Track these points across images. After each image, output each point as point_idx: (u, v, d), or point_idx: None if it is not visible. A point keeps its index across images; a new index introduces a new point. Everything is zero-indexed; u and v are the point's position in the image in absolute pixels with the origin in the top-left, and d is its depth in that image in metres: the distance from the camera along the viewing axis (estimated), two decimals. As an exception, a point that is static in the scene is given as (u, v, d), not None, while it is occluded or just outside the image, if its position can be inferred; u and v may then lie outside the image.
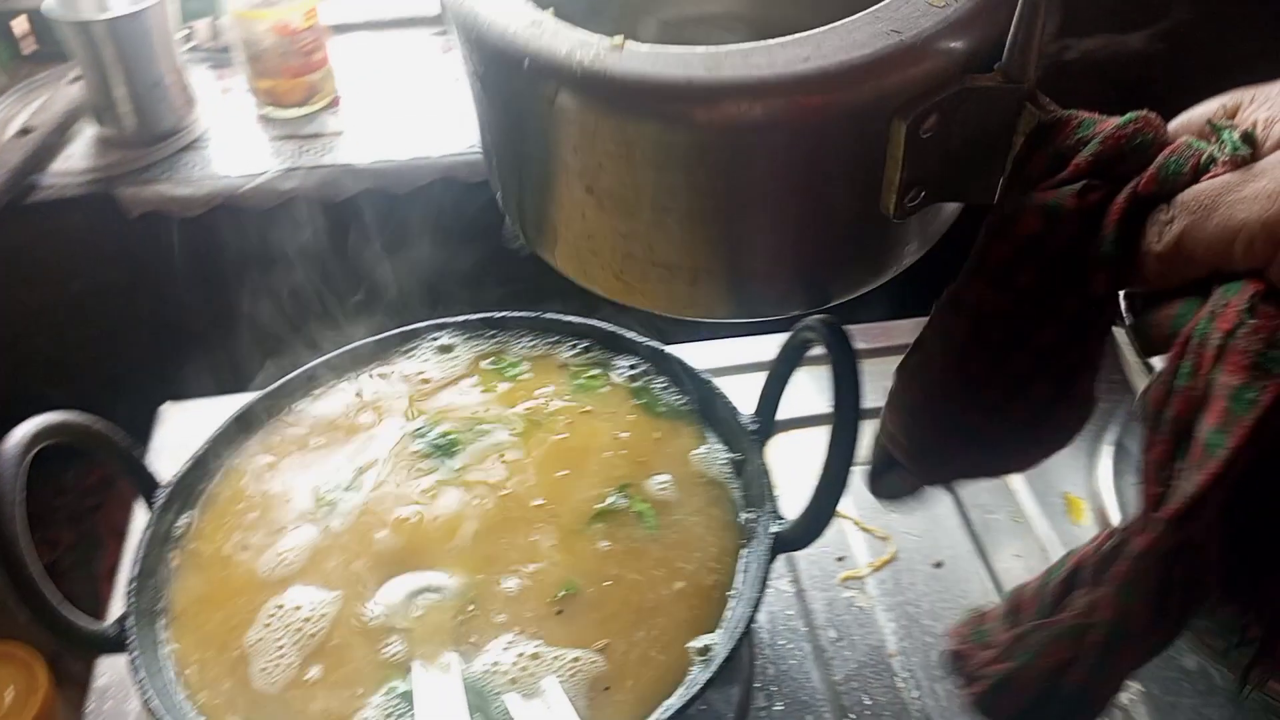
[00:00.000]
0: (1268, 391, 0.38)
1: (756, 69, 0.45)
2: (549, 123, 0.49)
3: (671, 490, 0.64)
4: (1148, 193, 0.41)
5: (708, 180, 0.48)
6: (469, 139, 1.05)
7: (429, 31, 1.23)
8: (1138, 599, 0.42)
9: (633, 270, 0.55)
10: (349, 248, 1.03)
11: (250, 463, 0.68)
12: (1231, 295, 0.40)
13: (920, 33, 0.45)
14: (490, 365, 0.74)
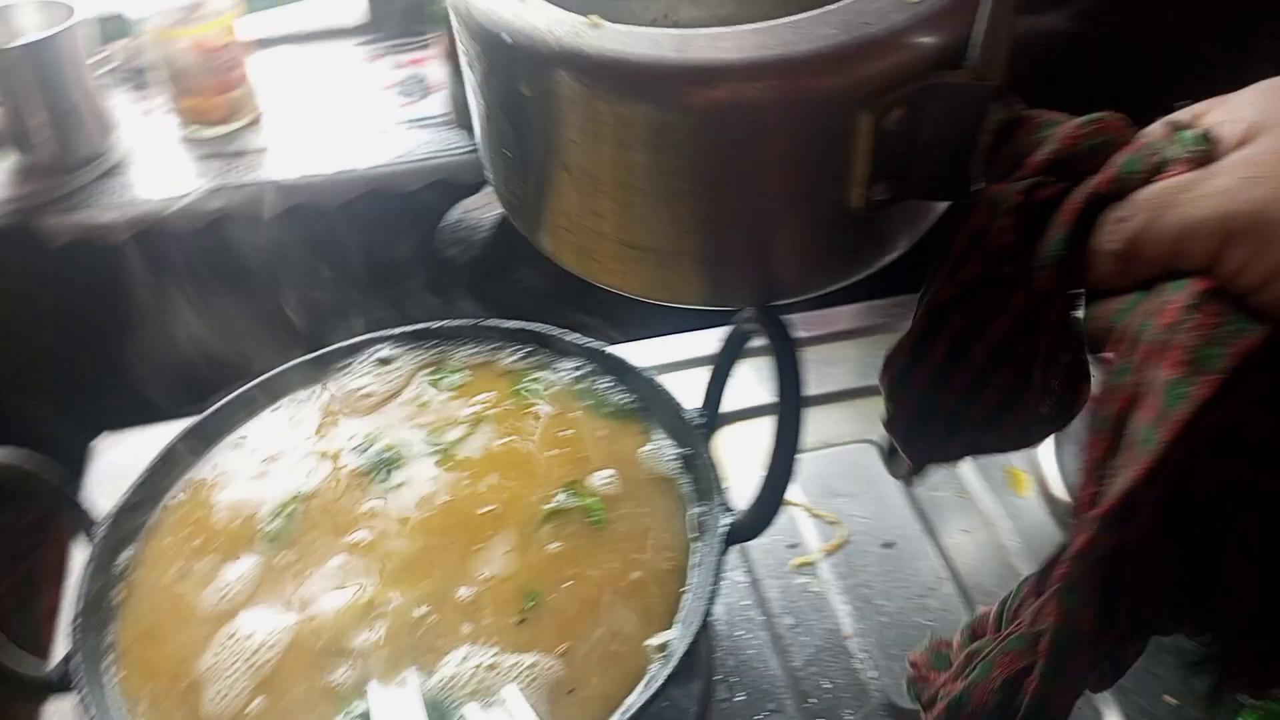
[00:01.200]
0: (1202, 386, 0.38)
1: (724, 52, 0.46)
2: (528, 99, 0.50)
3: (619, 486, 0.65)
4: (1104, 191, 0.42)
5: (672, 160, 0.49)
6: (396, 149, 1.04)
7: (351, 43, 1.22)
8: (1081, 602, 0.42)
9: (605, 250, 0.56)
10: (280, 265, 1.02)
11: (190, 491, 0.67)
12: (1176, 292, 0.40)
13: (889, 26, 0.46)
14: (431, 375, 0.73)
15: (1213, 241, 0.39)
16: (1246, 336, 0.38)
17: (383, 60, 1.19)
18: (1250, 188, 0.38)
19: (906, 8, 0.47)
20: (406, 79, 1.16)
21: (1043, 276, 0.43)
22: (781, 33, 0.46)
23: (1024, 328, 0.45)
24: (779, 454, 0.55)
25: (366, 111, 1.10)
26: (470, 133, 1.05)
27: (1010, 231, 0.43)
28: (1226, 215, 0.38)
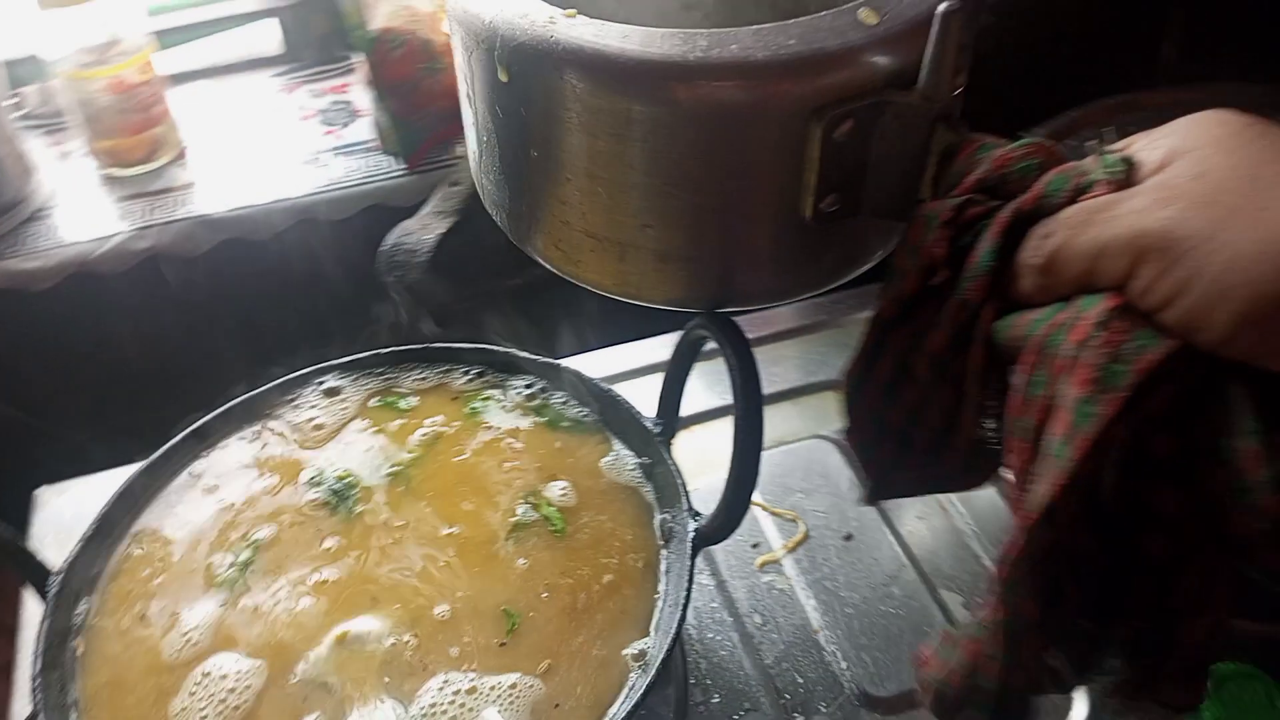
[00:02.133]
0: (1108, 405, 0.40)
1: (684, 51, 0.48)
2: (505, 85, 0.53)
3: (581, 496, 0.65)
4: (1030, 209, 0.44)
5: (631, 151, 0.51)
6: (325, 177, 1.03)
7: (269, 73, 1.20)
8: (1024, 595, 0.44)
9: (569, 239, 0.58)
10: (216, 300, 1.00)
11: (145, 536, 0.65)
12: (1089, 308, 0.42)
13: (845, 43, 0.48)
14: (380, 403, 0.73)
15: (1124, 259, 0.40)
16: (1150, 353, 0.40)
17: (302, 89, 1.18)
18: (1159, 208, 0.40)
19: (865, 29, 0.49)
20: (329, 107, 1.15)
21: (972, 288, 0.45)
22: (744, 38, 0.48)
23: (958, 342, 0.47)
24: (742, 456, 0.56)
25: (291, 141, 1.09)
26: (397, 157, 1.05)
27: (942, 243, 0.46)
28: (1136, 234, 0.40)
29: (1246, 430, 0.40)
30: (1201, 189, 0.39)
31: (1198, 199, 0.39)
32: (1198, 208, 0.39)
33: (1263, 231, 0.37)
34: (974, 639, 0.47)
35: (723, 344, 0.57)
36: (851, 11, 0.49)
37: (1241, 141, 0.40)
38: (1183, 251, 0.39)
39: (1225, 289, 0.38)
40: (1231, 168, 0.39)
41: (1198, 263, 0.38)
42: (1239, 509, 0.41)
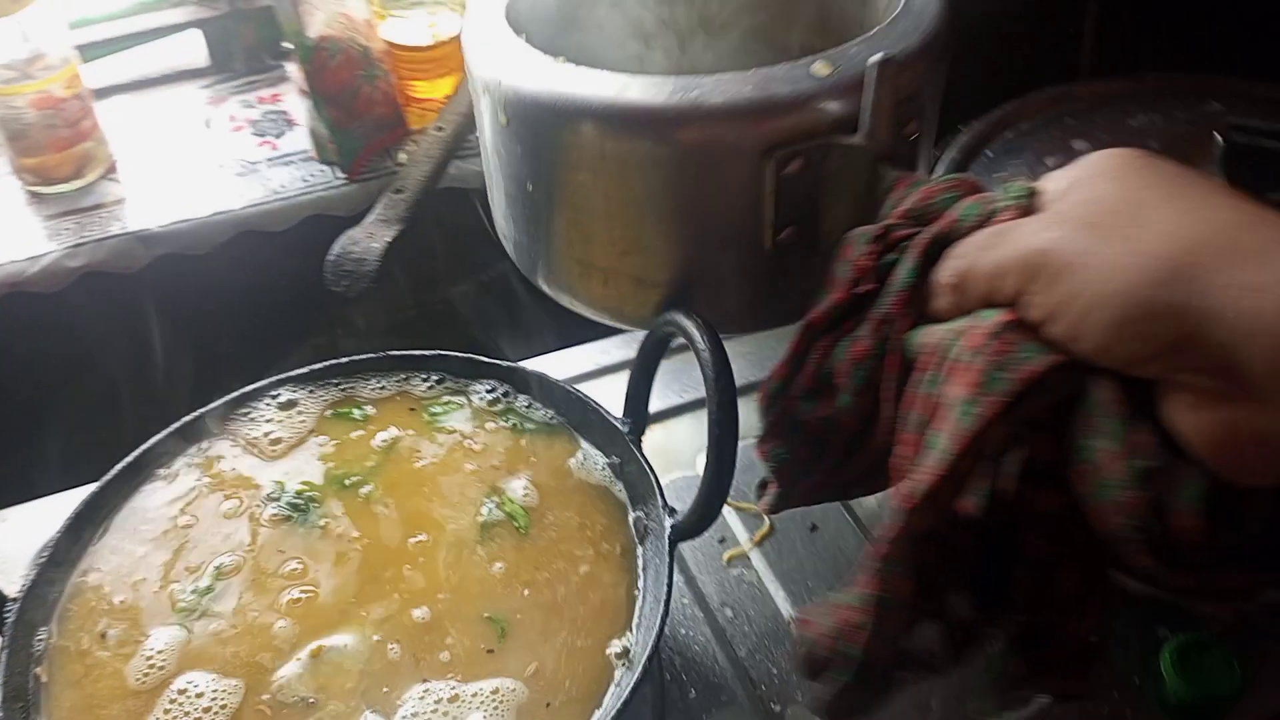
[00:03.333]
0: (988, 406, 0.44)
1: (652, 97, 0.56)
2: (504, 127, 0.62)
3: (544, 496, 0.65)
4: (945, 232, 0.49)
5: (609, 185, 0.59)
6: (262, 189, 1.01)
7: (196, 85, 1.18)
8: (897, 575, 0.48)
9: (562, 266, 0.66)
10: (156, 319, 0.98)
11: (103, 560, 0.63)
12: (986, 320, 0.45)
13: (796, 91, 0.55)
14: (339, 413, 0.72)
15: (1016, 278, 0.43)
16: (1031, 365, 0.43)
17: (232, 100, 1.16)
18: (1048, 230, 0.43)
19: (814, 80, 0.56)
20: (261, 117, 1.13)
21: (893, 302, 0.50)
22: (706, 85, 0.56)
23: (879, 350, 0.51)
24: (718, 450, 0.56)
25: (223, 153, 1.07)
26: (335, 166, 1.03)
27: (869, 257, 0.51)
28: (1026, 254, 0.43)
29: (1108, 431, 0.43)
30: (1086, 212, 0.43)
31: (1081, 221, 0.42)
32: (1080, 229, 0.42)
33: (1133, 246, 0.40)
34: (847, 607, 0.50)
35: (693, 339, 0.58)
36: (808, 63, 0.56)
37: (1129, 171, 0.44)
38: (1065, 268, 0.41)
39: (1100, 300, 0.40)
40: (1115, 193, 0.43)
41: (1077, 278, 0.41)
42: (1103, 507, 0.44)
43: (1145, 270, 0.39)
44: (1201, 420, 0.40)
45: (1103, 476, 0.43)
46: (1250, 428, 0.38)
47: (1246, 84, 0.88)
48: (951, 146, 0.84)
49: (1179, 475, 0.42)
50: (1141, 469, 0.42)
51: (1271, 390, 0.37)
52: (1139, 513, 0.42)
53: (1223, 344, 0.37)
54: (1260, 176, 0.71)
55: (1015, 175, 0.79)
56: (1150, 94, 0.88)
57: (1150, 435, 0.42)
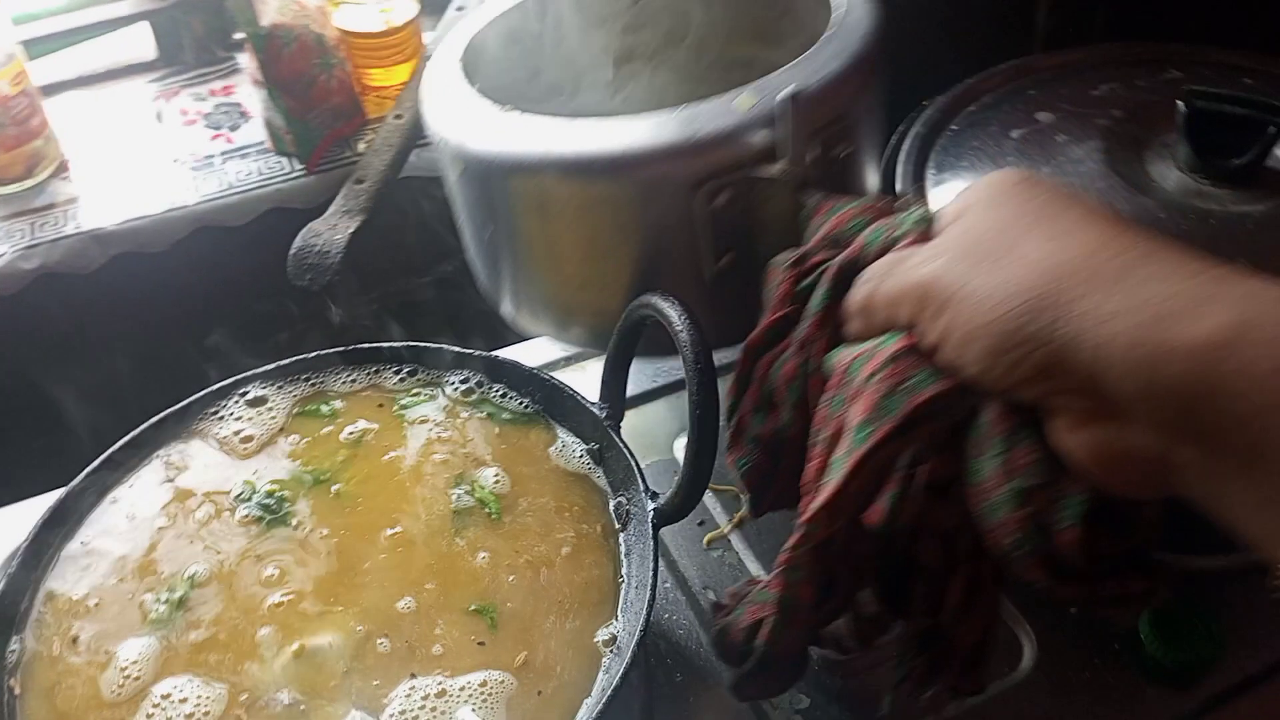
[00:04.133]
0: (880, 429, 0.46)
1: (586, 143, 0.60)
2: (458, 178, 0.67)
3: (520, 483, 0.64)
4: (854, 259, 0.51)
5: (557, 227, 0.63)
6: (218, 183, 0.99)
7: (145, 79, 1.16)
8: (801, 579, 0.52)
9: (527, 301, 0.70)
10: (114, 319, 0.96)
11: (72, 568, 0.62)
12: (886, 345, 0.48)
13: (717, 128, 0.58)
14: (309, 409, 0.70)
15: (909, 307, 0.45)
16: (923, 391, 0.45)
17: (183, 93, 1.13)
18: (932, 260, 0.45)
19: (736, 115, 0.58)
20: (214, 110, 1.11)
21: (808, 326, 0.53)
22: (636, 128, 0.59)
23: (804, 370, 0.53)
24: (698, 433, 0.56)
25: (177, 148, 1.04)
26: (292, 158, 1.01)
27: (787, 283, 0.54)
28: (915, 284, 0.45)
29: (993, 452, 0.45)
30: (965, 242, 0.44)
31: (960, 251, 0.44)
32: (959, 258, 0.44)
33: (1003, 274, 0.42)
34: (759, 604, 0.54)
35: (670, 320, 0.57)
36: (732, 97, 0.59)
37: (1007, 199, 0.45)
38: (947, 298, 0.43)
39: (973, 330, 0.42)
40: (991, 222, 0.44)
41: (956, 306, 0.43)
42: (993, 525, 0.46)
43: (1011, 300, 0.41)
44: (1078, 440, 0.42)
45: (990, 496, 0.46)
46: (1121, 445, 0.40)
47: (1203, 51, 0.89)
48: (917, 122, 0.83)
49: (1060, 493, 0.44)
50: (1021, 488, 0.44)
51: (1134, 410, 0.38)
52: (1023, 529, 0.45)
53: (1087, 368, 0.39)
54: (1222, 141, 0.72)
55: (983, 148, 0.79)
56: (1110, 63, 0.88)
57: (1030, 455, 0.44)
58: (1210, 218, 0.70)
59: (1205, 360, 0.36)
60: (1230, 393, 0.35)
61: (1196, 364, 0.36)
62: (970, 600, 0.51)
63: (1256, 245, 0.68)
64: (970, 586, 0.51)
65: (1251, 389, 0.35)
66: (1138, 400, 0.38)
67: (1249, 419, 0.35)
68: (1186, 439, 0.37)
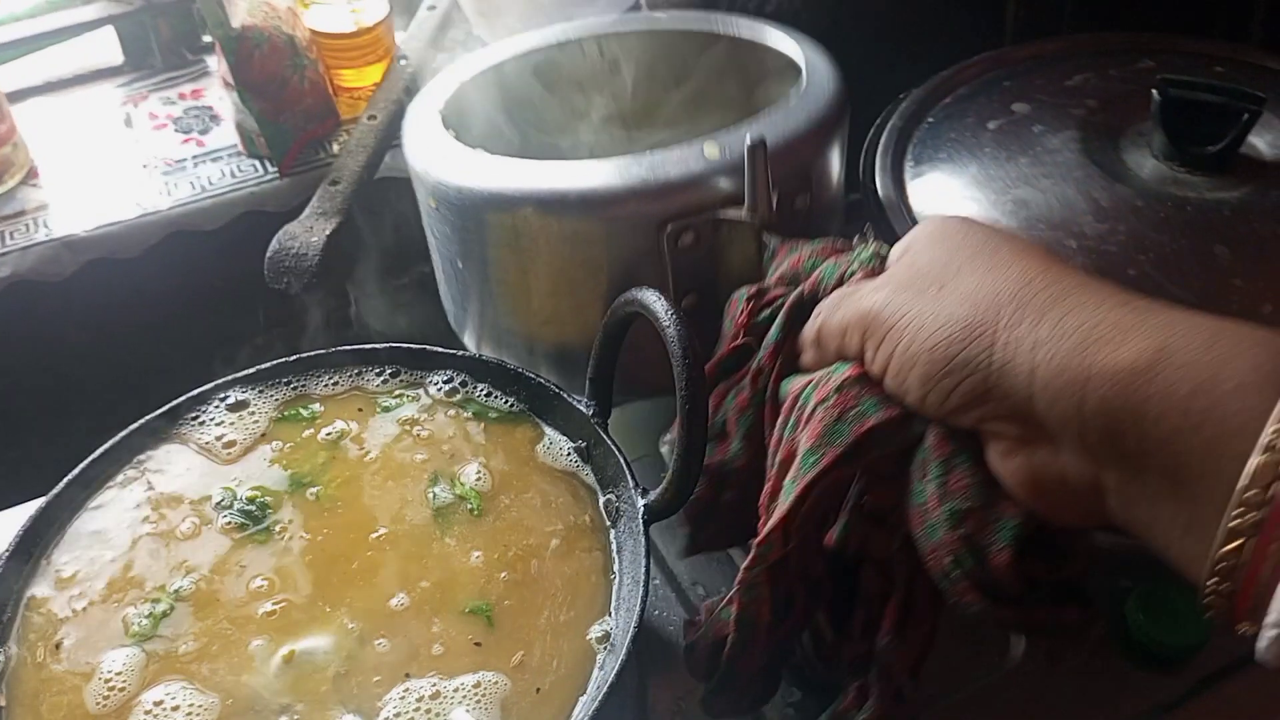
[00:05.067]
0: (826, 456, 0.48)
1: (558, 181, 0.63)
2: (433, 209, 0.70)
3: (505, 481, 0.64)
4: (809, 293, 0.53)
5: (524, 261, 0.65)
6: (191, 187, 0.98)
7: (112, 84, 1.14)
8: (758, 599, 0.53)
9: (492, 334, 0.73)
10: (89, 326, 0.95)
11: (55, 577, 0.61)
12: (836, 374, 0.50)
13: (685, 172, 0.61)
14: (288, 413, 0.69)
15: (857, 336, 0.47)
16: (869, 418, 0.48)
17: (152, 97, 1.12)
18: (877, 293, 0.47)
19: (703, 160, 0.62)
20: (183, 114, 1.10)
21: (765, 356, 0.55)
22: (606, 168, 0.62)
23: (758, 399, 0.55)
24: (688, 428, 0.56)
25: (147, 152, 1.03)
26: (264, 161, 1.00)
27: (745, 315, 0.56)
28: (861, 315, 0.47)
29: (932, 476, 0.47)
30: (908, 275, 0.47)
31: (902, 284, 0.47)
32: (901, 291, 0.46)
33: (940, 305, 0.44)
34: (723, 623, 0.55)
35: (656, 316, 0.57)
36: (700, 144, 0.62)
37: (947, 236, 0.48)
38: (889, 328, 0.45)
39: (910, 358, 0.44)
40: (932, 256, 0.47)
41: (896, 334, 0.45)
42: (930, 547, 0.48)
43: (946, 328, 0.43)
44: (1012, 465, 0.43)
45: (929, 518, 0.48)
46: (1052, 470, 0.41)
47: (1174, 40, 0.90)
48: (894, 115, 0.84)
49: (995, 516, 0.45)
50: (956, 510, 0.46)
51: (1063, 434, 0.40)
52: (957, 551, 0.46)
53: (1018, 395, 0.41)
54: (1197, 129, 0.72)
55: (960, 139, 0.80)
56: (1083, 53, 0.89)
57: (966, 478, 0.46)
58: (1187, 205, 0.70)
59: (1127, 385, 0.37)
60: (1152, 415, 0.37)
61: (1120, 388, 0.38)
62: (904, 627, 0.53)
63: (1233, 231, 0.69)
64: (904, 613, 0.53)
65: (1171, 411, 0.36)
66: (1066, 424, 0.39)
67: (1169, 440, 0.36)
68: (1113, 462, 0.39)
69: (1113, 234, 0.69)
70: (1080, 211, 0.71)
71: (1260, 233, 0.69)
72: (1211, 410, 0.36)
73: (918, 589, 0.52)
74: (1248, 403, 0.35)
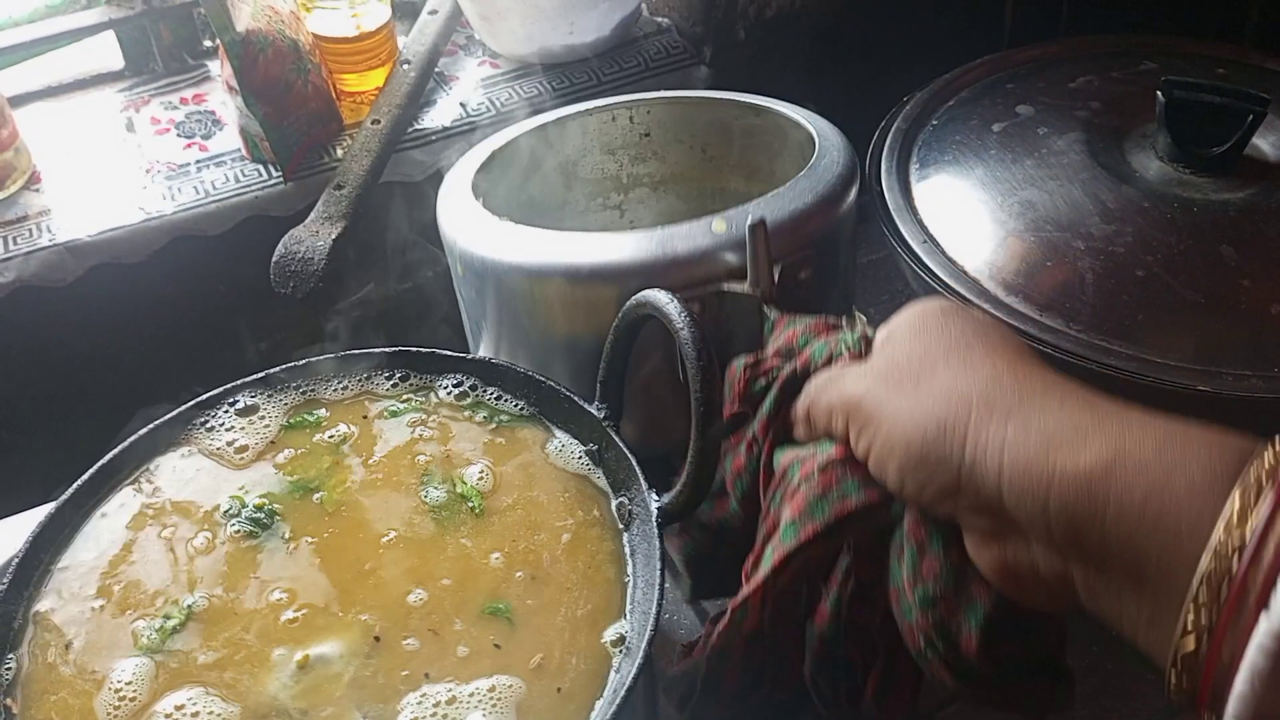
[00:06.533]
0: (806, 531, 0.50)
1: (567, 256, 0.68)
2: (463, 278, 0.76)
3: (530, 485, 0.64)
4: (801, 369, 0.56)
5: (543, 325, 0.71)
6: (194, 192, 0.98)
7: (114, 89, 1.14)
8: (725, 664, 0.55)
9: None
10: (93, 332, 0.94)
11: (64, 585, 0.61)
12: (821, 452, 0.52)
13: (693, 248, 0.66)
14: (298, 417, 0.69)
15: (842, 420, 0.49)
16: (848, 500, 0.50)
17: (154, 102, 1.12)
18: (861, 381, 0.49)
19: (711, 235, 0.66)
20: (186, 118, 1.09)
21: (758, 427, 0.57)
22: (618, 244, 0.68)
23: (752, 466, 0.57)
24: (702, 429, 0.56)
25: (150, 157, 1.03)
26: (269, 165, 1.00)
27: (742, 384, 0.58)
28: (847, 401, 0.49)
29: (907, 559, 0.49)
30: (888, 367, 0.49)
31: (883, 375, 0.48)
32: (882, 382, 0.48)
33: (914, 401, 0.46)
34: (694, 670, 0.57)
35: (669, 318, 0.57)
36: (709, 220, 0.67)
37: (926, 329, 0.49)
38: (870, 417, 0.47)
39: (889, 449, 0.46)
40: (912, 349, 0.48)
41: (876, 425, 0.47)
42: (906, 627, 0.50)
43: (921, 424, 0.45)
44: (988, 556, 0.45)
45: (904, 600, 0.50)
46: (1024, 562, 0.43)
47: (1175, 42, 0.90)
48: (898, 118, 0.84)
49: (965, 601, 0.47)
50: (927, 595, 0.48)
51: (1031, 532, 0.42)
52: (929, 634, 0.49)
53: (988, 491, 0.42)
54: (1201, 131, 0.73)
55: (965, 142, 0.80)
56: (1085, 56, 0.89)
57: (937, 564, 0.48)
58: (1193, 206, 0.71)
59: (1086, 488, 0.39)
60: (1111, 517, 0.38)
61: (1080, 491, 0.39)
62: (885, 695, 0.54)
63: (1239, 232, 0.69)
64: (885, 681, 0.54)
65: (1127, 514, 0.38)
66: (1033, 522, 0.41)
67: (1128, 541, 0.38)
68: (1078, 559, 0.40)
69: (1120, 235, 0.70)
70: (1087, 213, 0.71)
71: (1266, 233, 0.69)
72: (1164, 515, 0.37)
73: (898, 660, 0.53)
74: (1196, 506, 0.37)
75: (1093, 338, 0.65)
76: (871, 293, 0.95)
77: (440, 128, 1.03)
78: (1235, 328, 0.66)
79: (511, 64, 1.10)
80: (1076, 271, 0.68)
